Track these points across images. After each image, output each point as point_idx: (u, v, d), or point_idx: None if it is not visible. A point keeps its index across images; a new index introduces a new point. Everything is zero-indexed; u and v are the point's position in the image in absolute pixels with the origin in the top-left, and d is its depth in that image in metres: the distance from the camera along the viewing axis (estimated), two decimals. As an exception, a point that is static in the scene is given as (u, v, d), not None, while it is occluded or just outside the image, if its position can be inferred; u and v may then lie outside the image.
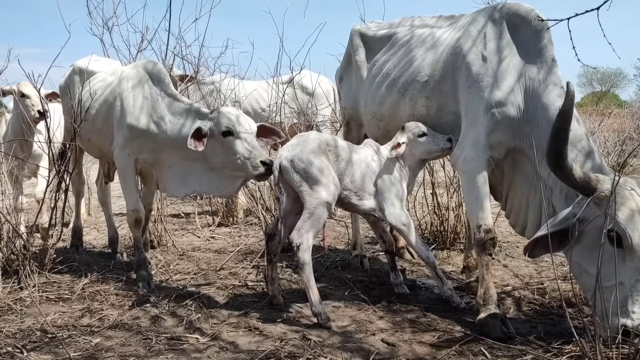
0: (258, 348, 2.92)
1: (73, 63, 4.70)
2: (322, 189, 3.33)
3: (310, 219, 3.32)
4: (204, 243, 5.46)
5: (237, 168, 3.59)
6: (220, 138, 3.56)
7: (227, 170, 3.66)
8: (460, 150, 3.35)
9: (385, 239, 3.90)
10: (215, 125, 3.58)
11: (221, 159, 3.62)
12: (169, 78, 3.98)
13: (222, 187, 3.76)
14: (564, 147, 2.62)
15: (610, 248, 2.61)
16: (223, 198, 6.08)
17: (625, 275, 2.61)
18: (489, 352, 2.85)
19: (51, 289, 3.86)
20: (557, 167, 2.67)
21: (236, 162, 3.56)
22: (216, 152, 3.61)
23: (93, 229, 6.12)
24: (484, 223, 3.20)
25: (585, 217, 2.72)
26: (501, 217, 4.45)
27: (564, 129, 2.60)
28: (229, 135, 3.54)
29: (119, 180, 4.10)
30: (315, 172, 3.33)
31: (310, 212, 3.32)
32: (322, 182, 3.33)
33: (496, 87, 3.20)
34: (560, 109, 2.61)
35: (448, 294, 3.57)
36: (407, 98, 3.71)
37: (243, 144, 3.53)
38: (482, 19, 3.40)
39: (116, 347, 2.95)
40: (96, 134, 4.19)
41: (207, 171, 3.73)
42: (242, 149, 3.53)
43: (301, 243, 3.28)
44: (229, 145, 3.55)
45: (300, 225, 3.32)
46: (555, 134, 2.62)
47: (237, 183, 3.72)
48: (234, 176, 3.67)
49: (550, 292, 3.77)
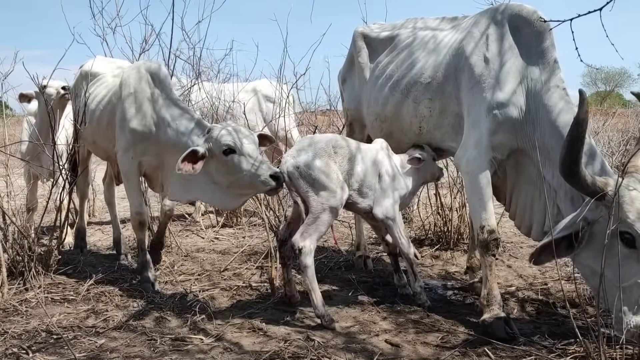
0: (262, 349, 2.93)
1: (81, 65, 4.72)
2: (328, 193, 3.33)
3: (315, 223, 3.32)
4: (208, 244, 5.48)
5: (245, 186, 3.41)
6: (221, 157, 3.37)
7: (235, 189, 3.48)
8: (463, 151, 3.35)
9: (389, 242, 3.91)
10: (214, 145, 3.40)
11: (227, 178, 3.43)
12: (171, 80, 3.95)
13: (226, 201, 3.61)
14: (579, 156, 2.61)
15: (625, 250, 2.64)
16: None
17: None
18: (492, 353, 2.85)
19: (56, 290, 3.87)
20: (572, 175, 2.66)
21: (243, 180, 3.37)
22: (220, 172, 3.43)
23: (97, 230, 6.14)
24: (487, 224, 3.20)
25: (594, 220, 2.72)
26: (505, 218, 4.45)
27: (581, 137, 2.58)
28: (230, 153, 3.36)
29: (123, 182, 4.11)
30: (321, 177, 3.33)
31: (315, 216, 3.32)
32: (328, 187, 3.33)
33: (498, 88, 3.21)
34: (576, 117, 2.57)
35: (417, 290, 3.62)
36: (410, 99, 3.72)
37: (247, 159, 3.33)
38: (485, 20, 3.40)
39: (121, 348, 2.96)
40: (101, 136, 4.19)
41: (211, 183, 3.54)
42: (247, 166, 3.33)
43: (304, 246, 3.28)
44: (232, 163, 3.36)
45: (304, 229, 3.33)
46: (572, 143, 2.60)
47: (244, 199, 3.61)
48: (242, 194, 3.53)
49: (554, 292, 3.77)
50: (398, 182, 3.67)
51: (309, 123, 7.06)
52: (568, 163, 2.63)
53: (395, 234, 3.63)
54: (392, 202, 3.61)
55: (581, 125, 2.56)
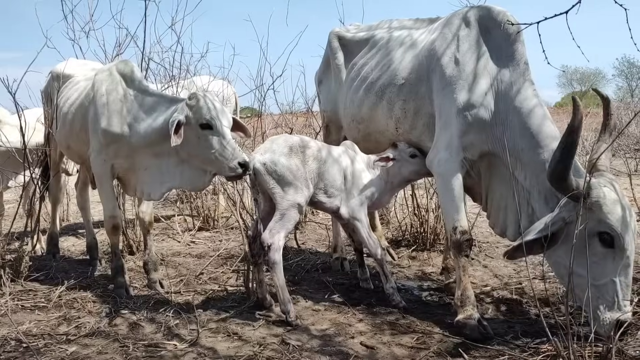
0: (237, 353, 2.91)
1: (52, 68, 4.64)
2: (293, 191, 3.42)
3: (282, 220, 3.41)
4: (185, 248, 5.42)
5: (208, 162, 3.40)
6: (196, 129, 3.34)
7: (196, 162, 3.47)
8: (434, 153, 3.37)
9: (355, 238, 3.98)
10: (193, 114, 3.34)
11: (193, 151, 3.42)
12: (141, 74, 3.88)
13: (193, 180, 3.57)
14: (571, 162, 2.66)
15: (602, 249, 2.74)
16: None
17: (616, 273, 2.72)
18: (466, 353, 2.87)
19: (27, 297, 3.80)
20: (561, 181, 2.70)
21: (209, 156, 3.36)
22: (190, 142, 3.39)
23: (71, 235, 6.04)
24: (460, 225, 3.22)
25: (572, 220, 2.76)
26: (481, 217, 4.48)
27: (574, 144, 2.63)
28: (207, 128, 3.34)
29: (96, 185, 4.05)
30: (287, 175, 3.42)
31: (281, 213, 3.41)
32: (293, 184, 3.42)
33: (468, 89, 3.22)
34: (570, 124, 2.61)
35: (390, 291, 3.65)
36: (385, 101, 3.73)
37: (220, 140, 3.32)
38: (457, 21, 3.41)
39: (93, 356, 2.92)
40: (74, 139, 4.12)
41: (178, 165, 3.54)
42: (218, 145, 3.32)
43: (272, 243, 3.36)
44: (206, 138, 3.34)
45: (272, 225, 3.41)
46: (566, 150, 2.64)
47: (207, 177, 3.54)
48: (204, 169, 3.49)
49: (528, 292, 3.81)
50: (363, 182, 3.70)
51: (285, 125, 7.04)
52: (560, 170, 2.67)
53: (362, 234, 3.69)
54: (357, 203, 3.68)
55: (575, 132, 2.62)
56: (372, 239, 3.70)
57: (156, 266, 4.14)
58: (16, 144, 4.64)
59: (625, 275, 2.74)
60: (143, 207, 4.22)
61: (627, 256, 2.73)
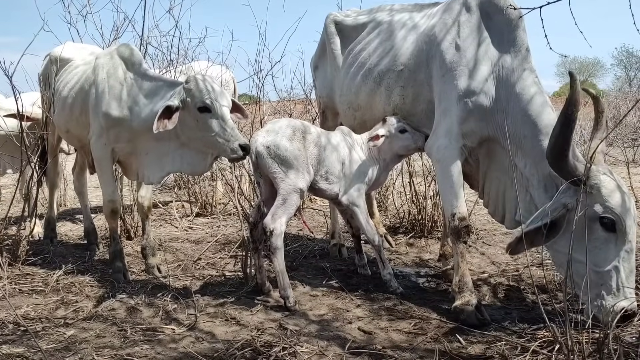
0: (234, 338, 2.92)
1: (50, 51, 4.60)
2: (294, 175, 3.39)
3: (284, 205, 3.38)
4: (182, 233, 5.42)
5: (209, 145, 3.38)
6: (194, 112, 3.32)
7: (197, 145, 3.45)
8: (433, 139, 3.36)
9: (353, 224, 3.98)
10: (190, 98, 3.33)
11: (193, 134, 3.41)
12: (141, 57, 3.86)
13: (193, 164, 3.56)
14: (570, 138, 2.62)
15: (604, 234, 2.72)
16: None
17: (619, 259, 2.71)
18: (463, 339, 2.88)
19: (24, 281, 3.79)
20: (560, 160, 2.66)
21: (209, 139, 3.33)
22: (188, 126, 3.39)
23: (68, 220, 6.03)
24: (458, 211, 3.22)
25: (573, 207, 2.73)
26: (478, 205, 4.49)
27: (573, 119, 2.57)
28: (205, 111, 3.31)
29: (96, 169, 4.03)
30: (290, 159, 3.38)
31: (283, 197, 3.38)
32: (295, 168, 3.39)
33: (469, 76, 3.20)
34: (567, 98, 2.58)
35: (387, 278, 3.66)
36: (383, 87, 3.71)
37: (220, 122, 3.29)
38: (457, 6, 3.38)
39: (91, 339, 2.92)
40: (74, 123, 4.10)
41: (178, 149, 3.53)
42: (217, 128, 3.29)
43: (274, 228, 3.34)
44: (204, 121, 3.31)
45: (274, 210, 3.38)
46: (564, 125, 2.59)
47: (208, 159, 3.53)
48: (205, 152, 3.48)
49: (525, 278, 3.82)
50: (361, 167, 3.69)
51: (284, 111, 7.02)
52: (560, 144, 2.63)
53: (360, 220, 3.68)
54: (356, 189, 3.66)
55: (574, 105, 2.56)
56: (370, 226, 3.70)
57: (154, 251, 4.14)
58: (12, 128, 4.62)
59: (628, 262, 2.72)
60: (142, 192, 4.20)
61: (629, 240, 2.71)
